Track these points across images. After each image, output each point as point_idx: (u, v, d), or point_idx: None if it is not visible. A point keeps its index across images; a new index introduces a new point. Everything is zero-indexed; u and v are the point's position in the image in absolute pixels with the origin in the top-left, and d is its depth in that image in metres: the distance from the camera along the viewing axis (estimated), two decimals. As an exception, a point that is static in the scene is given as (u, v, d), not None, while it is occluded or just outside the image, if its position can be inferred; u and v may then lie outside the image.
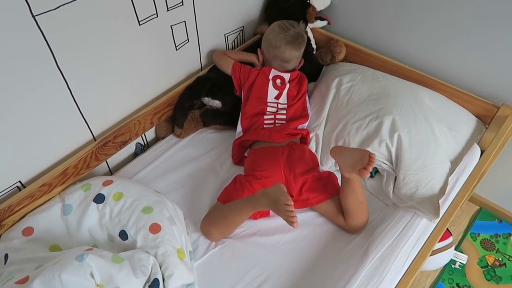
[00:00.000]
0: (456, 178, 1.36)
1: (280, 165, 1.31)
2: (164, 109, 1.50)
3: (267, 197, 1.12)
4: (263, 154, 1.35)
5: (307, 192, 1.29)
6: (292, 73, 1.51)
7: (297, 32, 1.45)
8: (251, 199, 1.18)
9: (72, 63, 1.15)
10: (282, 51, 1.45)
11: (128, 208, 1.15)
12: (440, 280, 1.64)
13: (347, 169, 1.17)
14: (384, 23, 1.64)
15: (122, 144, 1.42)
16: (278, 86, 1.49)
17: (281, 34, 1.43)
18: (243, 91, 1.50)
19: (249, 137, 1.42)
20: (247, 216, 1.20)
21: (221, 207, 1.25)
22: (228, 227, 1.23)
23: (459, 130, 1.42)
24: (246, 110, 1.46)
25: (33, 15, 1.00)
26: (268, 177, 1.28)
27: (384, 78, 1.51)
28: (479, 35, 1.42)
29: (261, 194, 1.15)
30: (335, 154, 1.24)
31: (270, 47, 1.47)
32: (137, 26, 1.28)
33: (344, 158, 1.19)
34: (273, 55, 1.48)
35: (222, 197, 1.30)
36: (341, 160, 1.20)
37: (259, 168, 1.31)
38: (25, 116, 1.12)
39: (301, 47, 1.48)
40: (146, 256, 1.03)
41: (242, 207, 1.19)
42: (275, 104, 1.48)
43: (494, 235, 1.79)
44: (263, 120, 1.44)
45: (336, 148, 1.26)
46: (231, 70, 1.52)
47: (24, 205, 1.18)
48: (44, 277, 0.89)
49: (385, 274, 1.13)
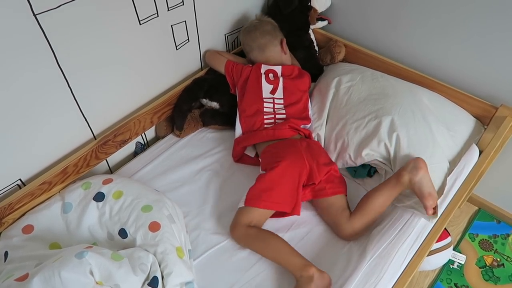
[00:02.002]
0: (454, 179, 1.36)
1: (302, 153, 1.29)
2: (164, 108, 1.51)
3: (313, 277, 1.08)
4: (281, 146, 1.34)
5: (324, 182, 1.28)
6: (284, 66, 1.50)
7: (254, 22, 1.55)
8: (303, 261, 1.12)
9: (73, 62, 1.16)
10: (247, 42, 1.53)
11: (127, 207, 1.16)
12: (439, 280, 1.65)
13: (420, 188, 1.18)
14: (383, 24, 1.65)
15: (122, 143, 1.42)
16: (271, 80, 1.48)
17: (242, 31, 1.57)
18: (238, 88, 1.50)
19: (252, 141, 1.40)
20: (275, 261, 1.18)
21: (262, 234, 1.19)
22: (255, 249, 1.20)
23: (457, 131, 1.42)
24: (243, 107, 1.45)
25: (34, 14, 1.01)
26: (293, 161, 1.26)
27: (383, 78, 1.51)
28: (478, 36, 1.42)
29: (307, 278, 1.08)
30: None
31: (243, 46, 1.58)
32: (138, 25, 1.29)
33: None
34: (247, 50, 1.56)
35: (249, 201, 1.23)
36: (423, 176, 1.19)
37: (281, 158, 1.27)
38: (26, 115, 1.12)
39: (262, 28, 1.52)
40: (146, 254, 1.03)
41: (280, 256, 1.16)
42: (271, 100, 1.46)
43: (492, 235, 1.79)
44: (263, 120, 1.42)
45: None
46: (224, 68, 1.52)
47: (24, 203, 1.18)
48: (43, 274, 0.89)
49: (383, 273, 1.14)
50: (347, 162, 1.38)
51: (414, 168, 1.20)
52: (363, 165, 1.39)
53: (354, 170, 1.42)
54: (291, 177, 1.26)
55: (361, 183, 1.42)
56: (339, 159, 1.39)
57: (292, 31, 1.65)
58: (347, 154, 1.36)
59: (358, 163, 1.36)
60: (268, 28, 1.52)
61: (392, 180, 1.24)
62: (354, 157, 1.35)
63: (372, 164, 1.36)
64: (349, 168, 1.42)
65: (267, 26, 1.53)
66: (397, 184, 1.21)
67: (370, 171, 1.40)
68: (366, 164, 1.38)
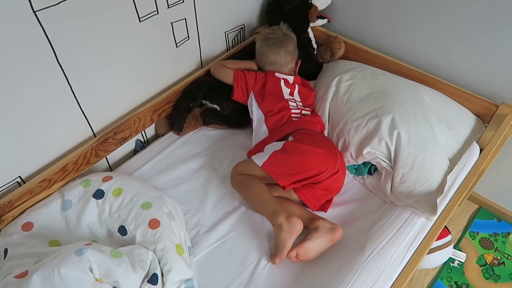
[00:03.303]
0: (454, 177, 1.36)
1: (337, 155, 1.31)
2: (164, 106, 1.51)
3: (282, 225, 1.14)
4: (316, 133, 1.35)
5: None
6: (295, 77, 1.54)
7: (279, 35, 1.52)
8: (274, 210, 1.19)
9: (73, 59, 1.16)
10: (268, 56, 1.51)
11: (127, 204, 1.16)
12: (439, 278, 1.64)
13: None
14: (384, 22, 1.64)
15: (122, 141, 1.42)
16: (289, 84, 1.51)
17: (262, 41, 1.52)
18: (254, 93, 1.48)
19: (284, 133, 1.37)
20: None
21: (246, 182, 1.28)
22: (243, 196, 1.31)
23: (458, 129, 1.42)
24: (266, 109, 1.43)
25: (34, 11, 1.00)
26: (327, 153, 1.28)
27: (384, 76, 1.51)
28: (479, 34, 1.42)
29: (277, 227, 1.16)
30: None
31: (258, 55, 1.56)
32: (138, 22, 1.28)
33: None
34: (261, 61, 1.55)
35: (251, 153, 1.32)
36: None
37: (318, 144, 1.28)
38: (26, 112, 1.12)
39: (286, 48, 1.52)
40: (145, 251, 1.03)
41: (263, 203, 1.23)
42: (293, 99, 1.48)
43: (493, 234, 1.79)
44: (290, 113, 1.42)
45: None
46: (232, 79, 1.50)
47: (24, 201, 1.18)
48: (43, 271, 0.89)
49: (382, 270, 1.14)
50: (348, 161, 1.38)
51: (329, 230, 1.18)
52: (364, 163, 1.39)
53: (354, 168, 1.42)
54: (314, 167, 1.25)
55: (362, 181, 1.42)
56: (341, 157, 1.39)
57: (292, 29, 1.65)
58: (348, 153, 1.37)
59: (360, 161, 1.36)
60: (291, 49, 1.53)
61: (308, 216, 1.25)
62: (355, 156, 1.35)
63: (373, 162, 1.36)
64: (350, 166, 1.42)
65: (291, 45, 1.53)
66: (310, 222, 1.21)
67: (370, 169, 1.40)
68: (367, 162, 1.38)
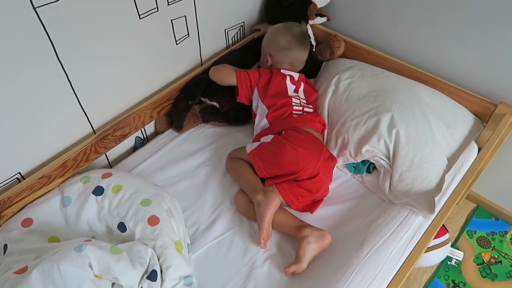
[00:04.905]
0: (453, 176, 1.37)
1: (320, 159, 1.29)
2: (164, 103, 1.51)
3: (260, 200, 1.21)
4: (308, 138, 1.33)
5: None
6: (300, 74, 1.53)
7: (303, 31, 1.51)
8: (254, 187, 1.26)
9: (73, 56, 1.16)
10: (295, 53, 1.48)
11: (127, 201, 1.16)
12: (436, 276, 1.65)
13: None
14: (384, 20, 1.64)
15: (122, 138, 1.42)
16: (294, 81, 1.50)
17: (290, 36, 1.47)
18: (258, 89, 1.46)
19: (283, 127, 1.37)
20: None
21: (235, 164, 1.37)
22: (233, 176, 1.39)
23: (457, 128, 1.42)
24: (269, 103, 1.43)
25: (34, 7, 1.00)
26: (309, 157, 1.28)
27: (383, 75, 1.51)
28: (478, 34, 1.42)
29: (256, 203, 1.22)
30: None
31: (280, 50, 1.48)
32: (138, 19, 1.28)
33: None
34: (284, 57, 1.49)
35: (256, 154, 1.32)
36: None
37: (302, 144, 1.29)
38: (25, 108, 1.12)
39: (309, 46, 1.54)
40: (144, 248, 1.04)
41: (246, 181, 1.31)
42: (297, 96, 1.47)
43: (490, 232, 1.80)
44: (292, 110, 1.42)
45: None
46: (235, 78, 1.46)
47: (23, 197, 1.18)
48: (42, 267, 0.90)
49: (380, 268, 1.14)
50: (347, 159, 1.39)
51: (319, 238, 1.17)
52: (363, 161, 1.39)
53: (353, 166, 1.42)
54: (290, 164, 1.28)
55: (360, 179, 1.42)
56: (340, 156, 1.39)
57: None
58: (347, 151, 1.37)
59: (359, 159, 1.36)
60: (309, 44, 1.55)
61: (296, 224, 1.23)
62: (354, 154, 1.36)
63: (371, 161, 1.37)
64: (349, 164, 1.42)
65: (309, 45, 1.55)
66: (298, 231, 1.20)
67: (369, 167, 1.40)
68: (366, 160, 1.39)
